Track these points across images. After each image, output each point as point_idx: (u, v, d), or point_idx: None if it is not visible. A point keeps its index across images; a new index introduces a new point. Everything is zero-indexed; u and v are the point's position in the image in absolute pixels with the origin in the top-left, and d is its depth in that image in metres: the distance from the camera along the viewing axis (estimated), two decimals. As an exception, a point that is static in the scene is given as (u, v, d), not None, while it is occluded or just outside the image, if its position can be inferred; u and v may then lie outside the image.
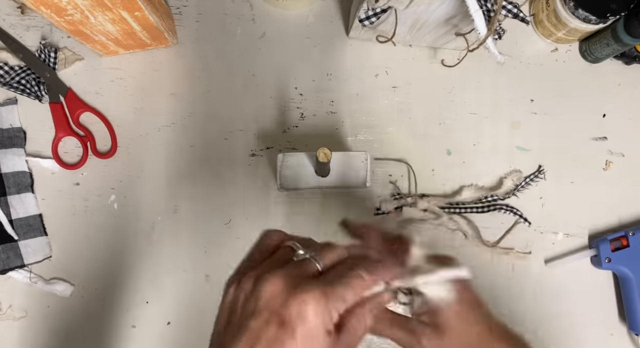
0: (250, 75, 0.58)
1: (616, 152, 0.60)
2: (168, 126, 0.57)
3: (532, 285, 0.58)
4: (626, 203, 0.59)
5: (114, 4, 0.45)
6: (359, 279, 0.29)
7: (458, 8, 0.46)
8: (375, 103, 0.59)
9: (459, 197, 0.57)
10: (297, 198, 0.57)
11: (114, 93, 0.57)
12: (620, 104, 0.61)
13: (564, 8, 0.55)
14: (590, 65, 0.61)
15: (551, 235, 0.59)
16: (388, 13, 0.49)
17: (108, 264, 0.55)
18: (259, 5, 0.60)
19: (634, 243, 0.55)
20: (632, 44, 0.55)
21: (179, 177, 0.57)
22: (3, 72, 0.55)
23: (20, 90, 0.56)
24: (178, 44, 0.58)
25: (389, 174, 0.58)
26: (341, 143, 0.58)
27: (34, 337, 0.54)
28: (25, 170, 0.55)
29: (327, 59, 0.59)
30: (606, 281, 0.58)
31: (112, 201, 0.56)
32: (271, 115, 0.58)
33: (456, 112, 0.59)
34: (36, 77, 0.56)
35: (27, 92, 0.56)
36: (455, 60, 0.59)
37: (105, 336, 0.54)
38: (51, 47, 0.56)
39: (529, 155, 0.59)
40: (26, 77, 0.56)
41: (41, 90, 0.56)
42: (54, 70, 0.56)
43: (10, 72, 0.55)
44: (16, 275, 0.54)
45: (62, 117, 0.56)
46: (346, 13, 0.60)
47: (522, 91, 0.60)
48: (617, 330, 0.58)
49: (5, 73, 0.55)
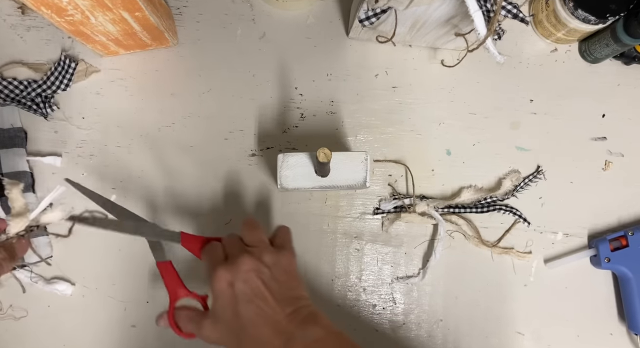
0: (250, 75, 0.59)
1: (616, 152, 0.60)
2: (168, 126, 0.57)
3: (531, 285, 0.58)
4: (625, 203, 0.60)
5: (115, 5, 0.46)
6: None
7: (458, 8, 0.46)
8: (375, 103, 0.59)
9: (458, 199, 0.57)
10: (297, 198, 0.57)
11: (114, 93, 0.57)
12: (619, 104, 0.61)
13: (564, 8, 0.55)
14: (589, 65, 0.61)
15: (551, 235, 0.59)
16: (388, 13, 0.49)
17: (108, 264, 0.55)
18: (259, 6, 0.60)
19: (633, 243, 0.55)
20: (632, 44, 0.55)
21: (179, 177, 0.57)
22: (13, 87, 0.55)
23: (27, 106, 0.55)
24: (178, 44, 0.59)
25: (389, 174, 0.58)
26: (341, 143, 0.58)
27: (34, 337, 0.54)
28: (27, 170, 0.55)
29: (327, 59, 0.59)
30: (605, 281, 0.58)
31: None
32: (271, 115, 0.58)
33: (456, 112, 0.60)
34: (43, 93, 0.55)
35: (34, 109, 0.55)
36: (455, 60, 0.59)
37: (105, 336, 0.54)
38: (72, 58, 0.56)
39: (528, 155, 0.60)
40: (33, 94, 0.55)
41: (46, 108, 0.56)
42: (68, 84, 0.56)
43: (19, 87, 0.55)
44: (17, 275, 0.54)
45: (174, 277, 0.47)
46: (346, 13, 0.60)
47: (521, 91, 0.60)
48: (616, 330, 0.58)
49: (15, 88, 0.55)
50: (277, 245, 0.45)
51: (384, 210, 0.57)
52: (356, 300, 0.57)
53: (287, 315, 0.40)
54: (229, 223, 0.56)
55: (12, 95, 0.55)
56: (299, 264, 0.56)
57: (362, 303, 0.57)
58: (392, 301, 0.57)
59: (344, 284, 0.57)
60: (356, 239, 0.57)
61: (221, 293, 0.40)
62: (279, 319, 0.39)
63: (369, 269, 0.57)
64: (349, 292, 0.57)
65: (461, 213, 0.58)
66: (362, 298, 0.57)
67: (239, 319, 0.40)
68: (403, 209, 0.57)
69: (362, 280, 0.57)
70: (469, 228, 0.58)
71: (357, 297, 0.57)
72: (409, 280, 0.57)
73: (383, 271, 0.57)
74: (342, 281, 0.57)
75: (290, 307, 0.40)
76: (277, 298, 0.40)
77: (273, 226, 0.57)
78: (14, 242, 0.49)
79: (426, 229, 0.58)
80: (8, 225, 0.48)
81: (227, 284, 0.40)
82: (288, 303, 0.41)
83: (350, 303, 0.56)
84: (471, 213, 0.58)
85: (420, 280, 0.57)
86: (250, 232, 0.44)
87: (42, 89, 0.55)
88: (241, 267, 0.40)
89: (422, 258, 0.58)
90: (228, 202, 0.56)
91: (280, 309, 0.40)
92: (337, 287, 0.57)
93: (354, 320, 0.56)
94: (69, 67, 0.56)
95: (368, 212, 0.58)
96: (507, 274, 0.58)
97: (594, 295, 0.58)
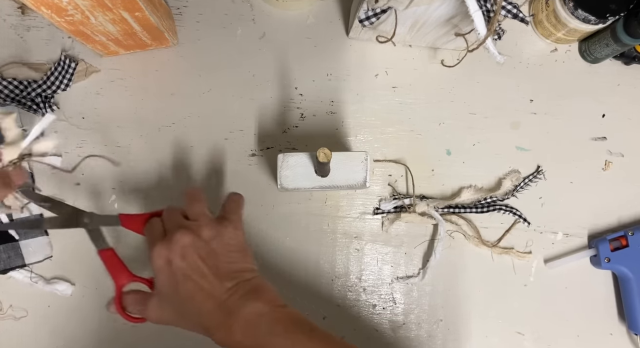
0: (250, 75, 0.59)
1: (615, 152, 0.60)
2: (168, 126, 0.57)
3: (531, 285, 0.58)
4: (625, 203, 0.60)
5: (115, 5, 0.46)
6: None
7: (458, 8, 0.46)
8: (375, 103, 0.59)
9: (458, 199, 0.57)
10: (297, 198, 0.57)
11: (114, 93, 0.57)
12: (619, 104, 0.61)
13: (564, 8, 0.55)
14: (589, 65, 0.61)
15: (551, 235, 0.59)
16: (388, 13, 0.49)
17: (108, 264, 0.55)
18: (259, 6, 0.60)
19: (633, 243, 0.55)
20: (632, 44, 0.55)
21: (179, 177, 0.57)
22: (13, 87, 0.55)
23: (27, 106, 0.55)
24: (178, 44, 0.58)
25: (389, 174, 0.58)
26: (341, 143, 0.58)
27: (34, 337, 0.54)
28: (27, 170, 0.55)
29: (327, 59, 0.59)
30: (605, 281, 0.58)
31: (113, 201, 0.56)
32: (271, 115, 0.58)
33: (456, 112, 0.60)
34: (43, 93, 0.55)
35: (34, 109, 0.55)
36: (455, 60, 0.59)
37: (105, 336, 0.54)
38: (72, 58, 0.56)
39: (528, 155, 0.60)
40: (33, 94, 0.55)
41: (46, 108, 0.56)
42: (68, 84, 0.56)
43: (19, 87, 0.55)
44: (17, 275, 0.54)
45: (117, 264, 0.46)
46: (346, 13, 0.60)
47: (521, 91, 0.60)
48: (616, 330, 0.58)
49: (15, 88, 0.55)
50: (221, 216, 0.44)
51: (384, 210, 0.57)
52: (356, 300, 0.57)
53: (227, 289, 0.39)
54: (229, 223, 0.56)
55: (12, 95, 0.55)
56: (300, 258, 0.56)
57: (362, 303, 0.57)
58: (392, 301, 0.57)
59: (344, 284, 0.57)
60: (356, 239, 0.57)
61: (160, 271, 0.40)
62: (219, 294, 0.39)
63: (369, 269, 0.57)
64: (349, 292, 0.57)
65: (461, 213, 0.58)
66: (362, 298, 0.57)
67: (179, 296, 0.40)
68: (403, 209, 0.57)
69: (362, 280, 0.57)
70: (469, 228, 0.58)
71: (357, 297, 0.57)
72: (409, 280, 0.57)
73: (383, 271, 0.57)
74: (342, 281, 0.57)
75: (231, 281, 0.40)
76: (216, 273, 0.40)
77: (273, 226, 0.57)
78: (9, 170, 0.50)
79: (426, 229, 0.58)
80: (1, 154, 0.48)
81: (164, 261, 0.40)
82: (229, 277, 0.40)
83: (350, 303, 0.56)
84: (471, 213, 0.58)
85: (420, 280, 0.57)
86: (191, 205, 0.44)
87: (42, 89, 0.55)
88: (178, 243, 0.40)
89: (422, 258, 0.58)
90: (228, 202, 0.56)
91: (219, 284, 0.39)
92: (337, 287, 0.57)
93: (354, 320, 0.56)
94: (69, 67, 0.56)
95: (368, 212, 0.58)
96: (507, 274, 0.58)
97: (594, 295, 0.58)
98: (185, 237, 0.40)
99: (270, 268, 0.56)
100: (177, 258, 0.40)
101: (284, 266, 0.56)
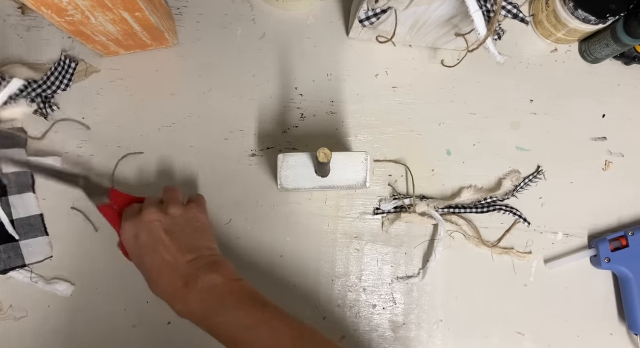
0: (250, 75, 0.59)
1: (615, 152, 0.60)
2: (168, 126, 0.57)
3: (531, 285, 0.58)
4: (625, 203, 0.60)
5: (115, 5, 0.46)
6: None
7: (458, 8, 0.46)
8: (375, 103, 0.59)
9: (458, 199, 0.57)
10: (297, 198, 0.57)
11: (114, 93, 0.57)
12: (619, 104, 0.61)
13: (564, 8, 0.55)
14: (589, 65, 0.61)
15: (551, 235, 0.59)
16: (388, 13, 0.49)
17: (108, 264, 0.55)
18: (259, 6, 0.60)
19: (633, 243, 0.55)
20: (632, 44, 0.55)
21: (179, 177, 0.57)
22: None
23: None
24: (178, 44, 0.59)
25: (389, 174, 0.58)
26: (341, 143, 0.58)
27: (34, 337, 0.54)
28: (27, 170, 0.55)
29: (327, 59, 0.59)
30: (605, 281, 0.59)
31: (113, 201, 0.56)
32: (271, 115, 0.58)
33: (456, 112, 0.60)
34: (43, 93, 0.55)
35: (35, 109, 0.55)
36: (455, 60, 0.59)
37: (105, 336, 0.54)
38: (72, 58, 0.56)
39: (528, 155, 0.60)
40: (33, 94, 0.55)
41: (46, 108, 0.56)
42: (68, 84, 0.56)
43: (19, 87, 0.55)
44: (17, 275, 0.54)
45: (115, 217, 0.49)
46: (346, 13, 0.60)
47: (521, 91, 0.60)
48: (616, 330, 0.58)
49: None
50: (188, 200, 0.50)
51: (384, 210, 0.57)
52: (356, 300, 0.57)
53: (187, 261, 0.43)
54: (229, 223, 0.56)
55: (12, 95, 0.55)
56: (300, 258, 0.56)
57: (362, 303, 0.57)
58: (392, 301, 0.57)
59: (344, 284, 0.57)
60: (356, 239, 0.57)
61: (128, 245, 0.45)
62: (179, 265, 0.43)
63: (369, 269, 0.57)
64: (349, 292, 0.57)
65: (461, 213, 0.58)
66: (362, 298, 0.57)
67: (144, 266, 0.44)
68: (403, 209, 0.57)
69: (362, 280, 0.57)
70: (469, 228, 0.58)
71: (357, 297, 0.57)
72: (409, 280, 0.57)
73: (383, 271, 0.57)
74: (342, 281, 0.57)
75: (191, 254, 0.44)
76: (178, 246, 0.44)
77: (272, 226, 0.57)
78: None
79: (426, 229, 0.58)
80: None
81: (132, 235, 0.45)
82: (190, 251, 0.44)
83: (350, 303, 0.57)
84: (471, 213, 0.58)
85: (420, 280, 0.57)
86: (167, 193, 0.49)
87: (42, 89, 0.55)
88: (145, 218, 0.44)
89: (422, 258, 0.58)
90: (228, 202, 0.56)
91: (180, 256, 0.43)
92: (337, 287, 0.57)
93: (354, 320, 0.56)
94: (69, 67, 0.56)
95: (368, 212, 0.58)
96: (507, 274, 0.58)
97: (594, 295, 0.58)
98: (152, 214, 0.45)
99: (270, 268, 0.56)
100: (144, 232, 0.44)
101: (284, 266, 0.56)
